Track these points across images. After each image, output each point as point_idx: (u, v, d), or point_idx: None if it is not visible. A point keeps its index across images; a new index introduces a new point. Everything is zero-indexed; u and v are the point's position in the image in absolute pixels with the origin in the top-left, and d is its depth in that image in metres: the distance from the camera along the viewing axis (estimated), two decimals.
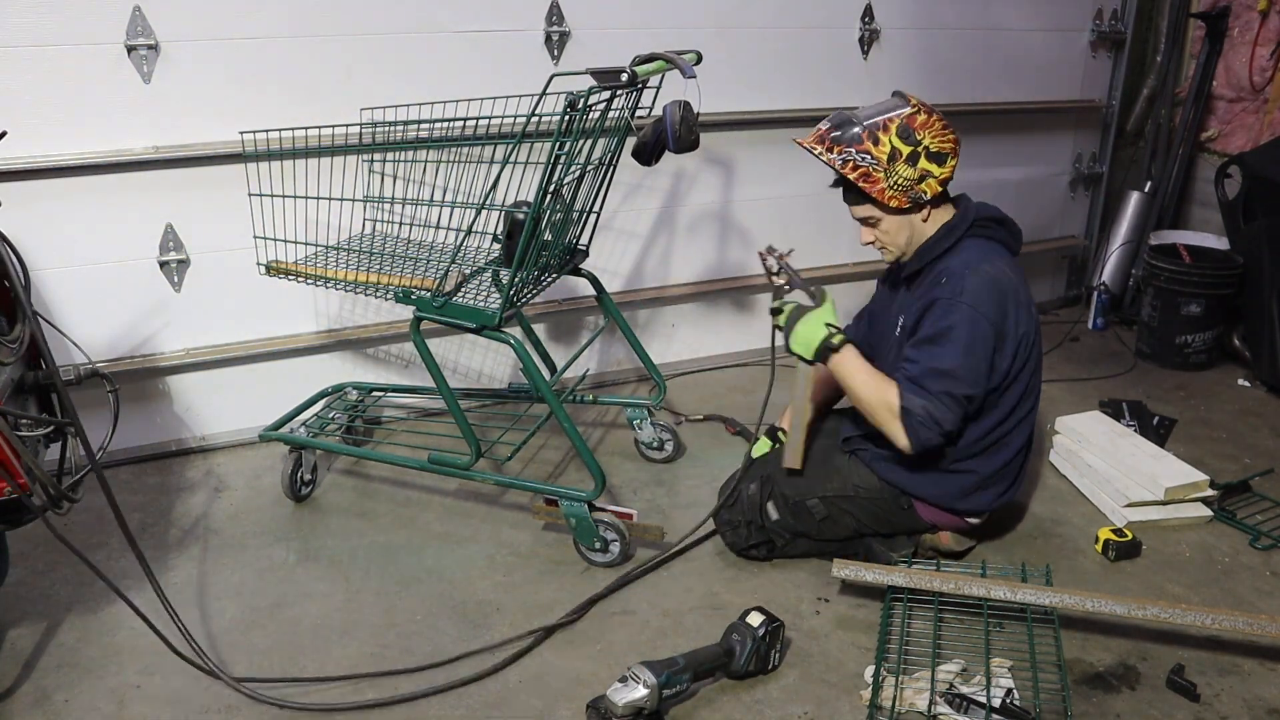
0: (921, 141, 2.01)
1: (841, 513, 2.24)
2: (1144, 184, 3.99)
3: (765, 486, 2.27)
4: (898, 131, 2.01)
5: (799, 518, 2.24)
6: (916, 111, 2.03)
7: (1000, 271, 2.08)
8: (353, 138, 2.51)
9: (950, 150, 2.05)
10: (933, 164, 2.03)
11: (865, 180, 2.03)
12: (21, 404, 1.89)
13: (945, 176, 2.06)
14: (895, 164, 2.01)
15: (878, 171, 2.02)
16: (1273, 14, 3.65)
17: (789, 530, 2.26)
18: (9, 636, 2.06)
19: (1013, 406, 2.17)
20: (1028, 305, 2.13)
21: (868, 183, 2.03)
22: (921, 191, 2.05)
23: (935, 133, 2.02)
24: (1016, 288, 2.10)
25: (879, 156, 2.01)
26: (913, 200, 2.06)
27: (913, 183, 2.03)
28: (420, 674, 1.95)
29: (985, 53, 3.61)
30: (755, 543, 2.29)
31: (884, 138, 2.01)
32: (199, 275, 2.75)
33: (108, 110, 2.52)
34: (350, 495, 2.65)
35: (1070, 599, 2.01)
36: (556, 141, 2.00)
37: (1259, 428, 3.09)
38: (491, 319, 2.18)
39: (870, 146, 2.01)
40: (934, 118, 2.04)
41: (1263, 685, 1.92)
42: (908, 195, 2.05)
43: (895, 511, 2.24)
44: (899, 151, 2.01)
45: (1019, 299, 2.10)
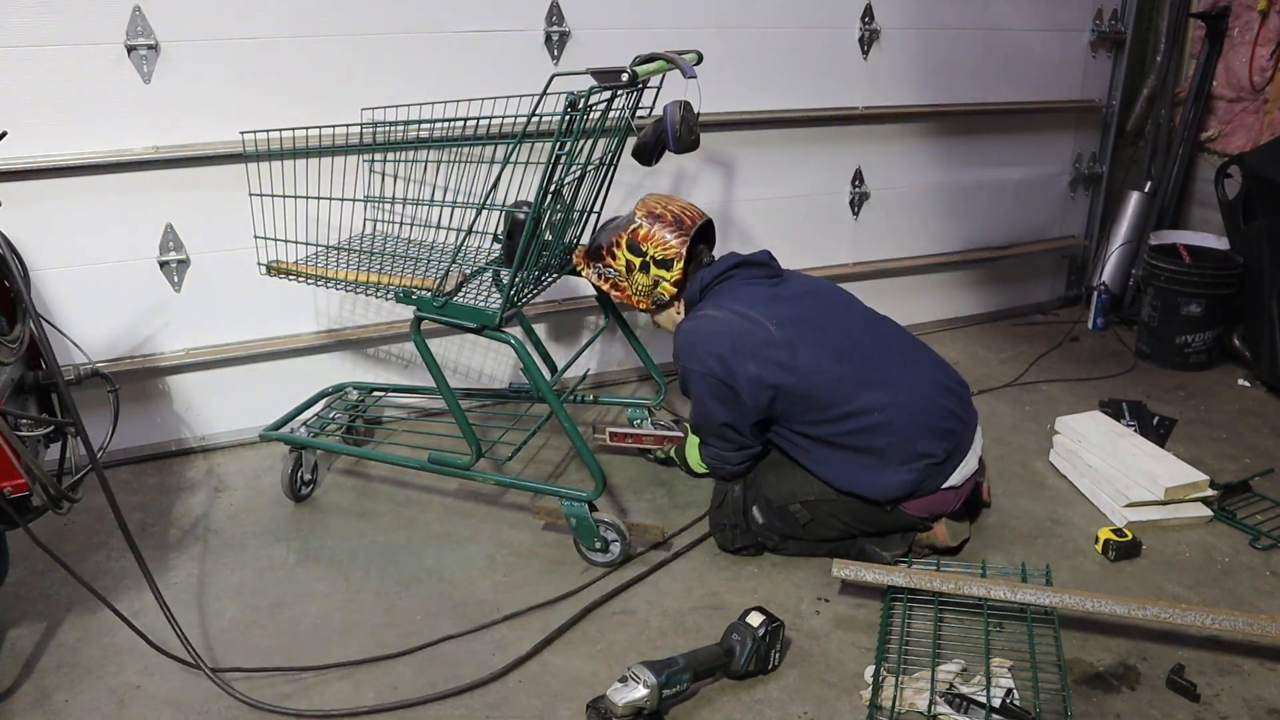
0: (647, 253, 2.29)
1: (826, 515, 2.24)
2: (1144, 184, 3.99)
3: (749, 490, 2.29)
4: (627, 246, 2.30)
5: (784, 521, 2.26)
6: (638, 226, 2.29)
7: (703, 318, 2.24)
8: (353, 138, 2.51)
9: (675, 255, 2.27)
10: (661, 270, 2.29)
11: (616, 290, 2.38)
12: (21, 404, 1.89)
13: (676, 279, 2.30)
14: (633, 274, 2.32)
15: (623, 282, 2.35)
16: (1273, 14, 3.65)
17: (776, 533, 2.28)
18: (9, 636, 2.06)
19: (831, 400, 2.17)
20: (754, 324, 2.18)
21: (618, 292, 2.37)
22: (660, 294, 2.33)
23: (657, 242, 2.28)
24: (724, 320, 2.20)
25: (619, 269, 2.33)
26: (655, 302, 2.35)
27: (650, 288, 2.32)
28: (419, 674, 1.95)
29: (985, 53, 3.61)
30: (743, 545, 2.31)
31: (619, 253, 2.32)
32: (199, 275, 2.75)
33: (108, 110, 2.51)
34: (350, 495, 2.65)
35: (1070, 599, 2.01)
36: (557, 141, 2.00)
37: (1259, 428, 3.09)
38: (492, 319, 2.18)
39: (611, 261, 2.34)
40: (657, 227, 2.28)
41: (1263, 685, 1.92)
42: (650, 298, 2.35)
43: (879, 512, 2.23)
44: (632, 263, 2.31)
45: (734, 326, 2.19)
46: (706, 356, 2.19)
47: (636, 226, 2.29)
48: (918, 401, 2.20)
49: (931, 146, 3.66)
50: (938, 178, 3.70)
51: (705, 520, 2.45)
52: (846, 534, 2.27)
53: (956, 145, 3.70)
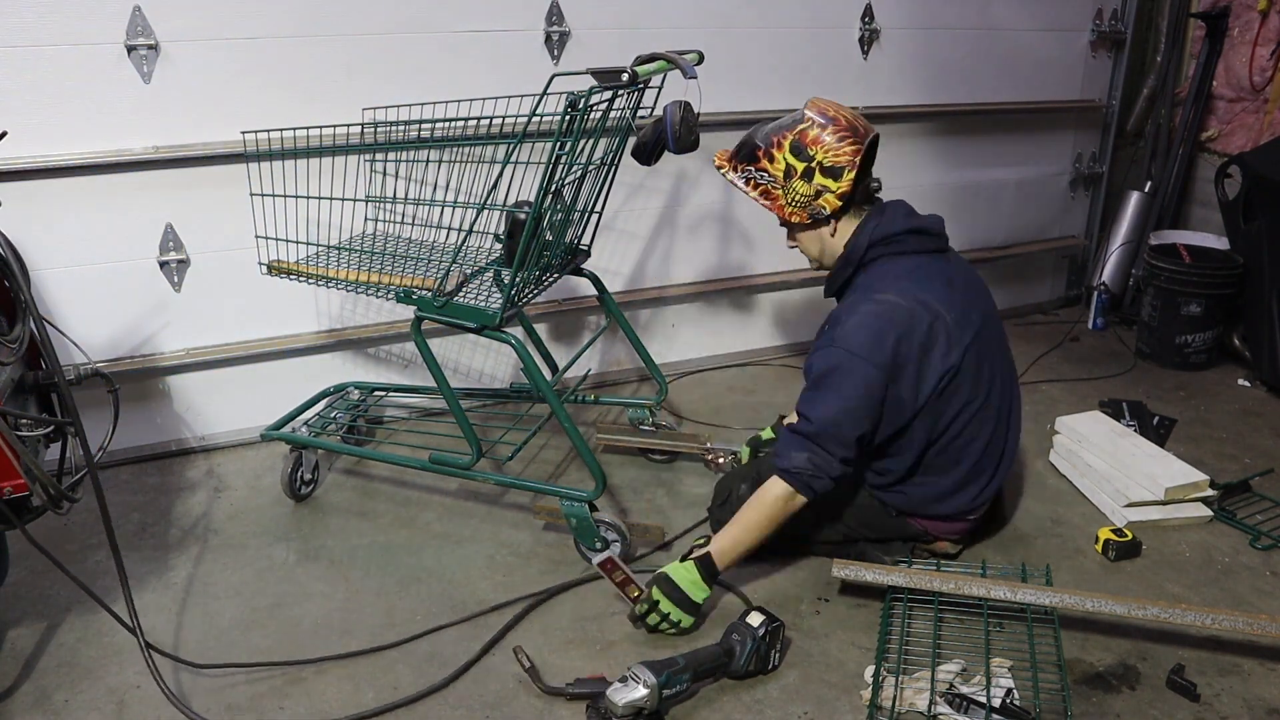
0: (814, 157, 2.02)
1: (832, 519, 2.23)
2: (1144, 184, 3.99)
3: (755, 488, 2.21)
4: (790, 148, 2.03)
5: (791, 524, 2.19)
6: (810, 125, 2.03)
7: (886, 303, 2.01)
8: (354, 137, 2.51)
9: (846, 164, 2.02)
10: (828, 179, 2.03)
11: (765, 198, 2.09)
12: (21, 404, 1.89)
13: (843, 191, 2.04)
14: (791, 181, 2.04)
15: (775, 189, 2.06)
16: (1273, 14, 3.65)
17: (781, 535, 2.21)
18: (9, 636, 2.06)
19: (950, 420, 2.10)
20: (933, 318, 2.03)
21: (768, 200, 2.09)
22: (820, 207, 2.06)
23: (829, 146, 2.02)
24: (908, 310, 2.01)
25: (775, 174, 2.05)
26: (812, 216, 2.08)
27: (810, 199, 2.05)
28: (419, 674, 1.95)
29: (985, 53, 3.62)
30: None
31: (779, 154, 2.04)
32: (199, 275, 2.75)
33: (108, 110, 2.51)
34: (351, 495, 2.65)
35: (1070, 599, 2.00)
36: (557, 141, 2.00)
37: (1259, 428, 3.09)
38: (493, 319, 2.18)
39: (767, 164, 2.06)
40: (831, 129, 2.02)
41: (1263, 685, 1.92)
42: (807, 211, 2.07)
43: (885, 519, 2.23)
44: (793, 168, 2.03)
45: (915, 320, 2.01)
46: (883, 349, 1.96)
47: (805, 126, 2.03)
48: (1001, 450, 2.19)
49: (931, 146, 3.66)
50: (938, 178, 3.70)
51: (706, 520, 2.45)
52: (849, 539, 2.27)
53: (956, 145, 3.70)
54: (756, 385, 3.39)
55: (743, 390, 3.35)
